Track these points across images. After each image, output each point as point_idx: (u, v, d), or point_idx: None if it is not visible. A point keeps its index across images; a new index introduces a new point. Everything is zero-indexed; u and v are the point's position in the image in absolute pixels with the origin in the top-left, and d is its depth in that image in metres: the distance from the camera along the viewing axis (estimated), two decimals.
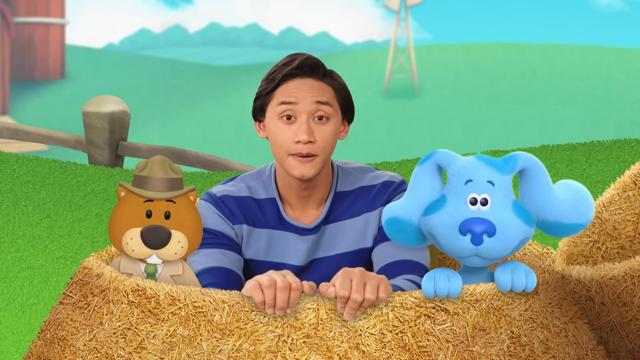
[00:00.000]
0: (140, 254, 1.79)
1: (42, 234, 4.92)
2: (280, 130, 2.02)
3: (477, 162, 1.71)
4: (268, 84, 2.05)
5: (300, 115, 2.01)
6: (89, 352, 1.71)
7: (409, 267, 2.01)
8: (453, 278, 1.66)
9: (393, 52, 26.43)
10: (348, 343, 1.64)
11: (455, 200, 1.69)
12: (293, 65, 2.03)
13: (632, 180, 2.24)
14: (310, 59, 2.05)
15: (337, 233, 2.11)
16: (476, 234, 1.64)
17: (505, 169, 1.70)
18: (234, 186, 2.13)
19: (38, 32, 24.42)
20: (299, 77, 2.03)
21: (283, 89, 2.03)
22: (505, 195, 1.68)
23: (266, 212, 2.11)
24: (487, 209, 1.67)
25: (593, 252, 2.25)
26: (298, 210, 2.11)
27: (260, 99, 2.07)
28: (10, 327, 3.76)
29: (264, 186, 2.12)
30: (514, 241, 1.66)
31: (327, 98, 2.03)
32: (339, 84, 2.07)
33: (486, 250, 1.65)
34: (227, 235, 2.07)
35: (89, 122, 6.59)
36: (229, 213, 2.09)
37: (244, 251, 2.10)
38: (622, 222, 2.25)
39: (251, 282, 1.66)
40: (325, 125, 2.02)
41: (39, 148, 15.66)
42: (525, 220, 1.67)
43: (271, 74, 2.05)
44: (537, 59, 29.59)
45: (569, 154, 5.90)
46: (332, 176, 2.13)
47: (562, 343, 1.76)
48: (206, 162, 6.44)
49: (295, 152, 2.01)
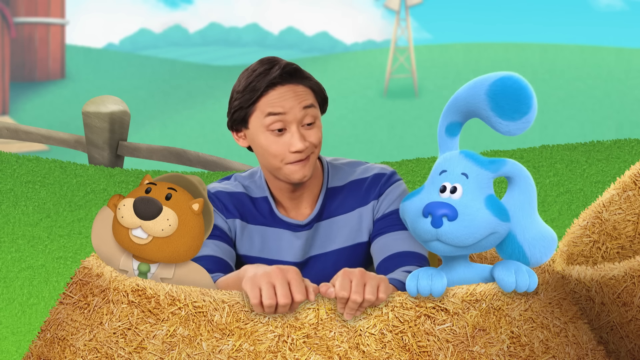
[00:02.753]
0: (128, 222, 1.77)
1: (42, 234, 4.92)
2: (272, 142, 2.02)
3: (456, 155, 1.73)
4: (249, 94, 2.02)
5: (290, 125, 2.01)
6: (89, 352, 1.71)
7: (409, 259, 2.02)
8: (436, 277, 1.66)
9: (393, 52, 26.42)
10: (348, 343, 1.64)
11: (430, 190, 1.71)
12: (275, 75, 2.01)
13: (632, 180, 2.24)
14: (289, 65, 2.04)
15: (331, 229, 2.12)
16: (436, 217, 1.65)
17: (488, 166, 1.71)
18: (229, 184, 2.15)
19: (38, 32, 24.42)
20: (280, 85, 2.02)
21: (266, 99, 2.01)
22: (479, 188, 1.69)
23: (260, 209, 2.12)
24: (457, 197, 1.68)
25: (593, 252, 2.25)
26: (290, 209, 2.12)
27: (240, 110, 2.04)
28: (10, 327, 3.76)
29: (256, 186, 2.14)
30: (477, 230, 1.66)
31: (311, 100, 2.03)
32: (314, 83, 2.07)
33: (445, 234, 1.66)
34: (220, 227, 2.08)
35: (89, 122, 6.59)
36: (222, 207, 2.10)
37: (238, 247, 2.11)
38: (622, 222, 2.25)
39: (252, 284, 1.65)
40: (314, 129, 2.03)
41: (39, 148, 15.66)
42: (496, 213, 1.67)
43: (249, 85, 2.02)
44: (537, 59, 29.59)
45: (569, 154, 5.90)
46: (323, 173, 2.14)
47: (562, 343, 1.76)
48: (206, 162, 6.43)
49: (294, 159, 2.02)
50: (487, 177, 1.70)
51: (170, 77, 30.66)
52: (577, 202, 5.19)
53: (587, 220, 2.25)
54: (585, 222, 2.25)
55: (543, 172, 5.66)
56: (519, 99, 1.68)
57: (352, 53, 34.43)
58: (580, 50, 30.66)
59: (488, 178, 1.70)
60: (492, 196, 1.70)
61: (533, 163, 5.80)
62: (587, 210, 2.26)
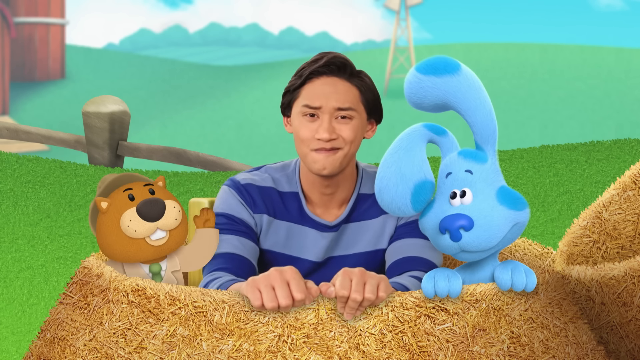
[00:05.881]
0: (143, 231, 1.77)
1: (42, 234, 4.92)
2: (303, 126, 2.02)
3: (455, 156, 1.72)
4: (296, 80, 2.05)
5: (322, 114, 2.01)
6: (89, 352, 1.71)
7: (417, 264, 2.02)
8: (453, 278, 1.66)
9: (393, 52, 26.43)
10: (348, 343, 1.64)
11: (440, 200, 1.70)
12: (320, 63, 2.03)
13: (632, 180, 2.24)
14: (338, 57, 2.05)
15: (356, 233, 2.12)
16: (453, 231, 1.65)
17: (482, 157, 1.71)
18: (258, 176, 2.13)
19: (38, 32, 24.42)
20: (325, 76, 2.03)
21: (309, 87, 2.03)
22: (487, 183, 1.69)
23: (288, 205, 2.11)
24: (468, 201, 1.67)
25: (593, 252, 2.24)
26: (320, 208, 2.11)
27: (287, 94, 2.07)
28: (10, 327, 3.76)
29: (288, 179, 2.12)
30: (498, 229, 1.66)
31: (350, 102, 2.03)
32: (365, 85, 2.06)
33: (468, 244, 1.65)
34: (247, 222, 2.07)
35: (89, 122, 6.59)
36: (251, 201, 2.09)
37: (262, 241, 2.10)
38: (622, 222, 2.25)
39: (252, 287, 1.65)
40: (348, 124, 2.02)
41: (39, 148, 15.66)
42: (511, 205, 1.67)
43: (300, 71, 2.06)
44: (537, 59, 29.61)
45: (569, 154, 5.90)
46: (357, 178, 2.13)
47: (562, 343, 1.76)
48: (206, 162, 6.44)
49: (318, 146, 2.01)
50: (490, 168, 1.70)
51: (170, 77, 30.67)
52: (577, 202, 5.19)
53: (587, 220, 2.25)
54: (585, 222, 2.24)
55: (543, 172, 5.66)
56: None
57: (352, 53, 34.44)
58: (580, 50, 30.68)
59: (491, 169, 1.70)
60: (503, 187, 1.69)
61: (533, 163, 5.80)
62: (587, 210, 2.26)
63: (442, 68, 1.68)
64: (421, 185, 1.68)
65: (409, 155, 1.69)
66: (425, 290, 1.66)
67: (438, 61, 1.68)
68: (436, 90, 1.68)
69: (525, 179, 5.56)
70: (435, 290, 1.66)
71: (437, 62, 1.68)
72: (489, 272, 1.74)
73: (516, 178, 5.57)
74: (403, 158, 1.69)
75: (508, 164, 5.78)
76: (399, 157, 1.69)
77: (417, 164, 1.68)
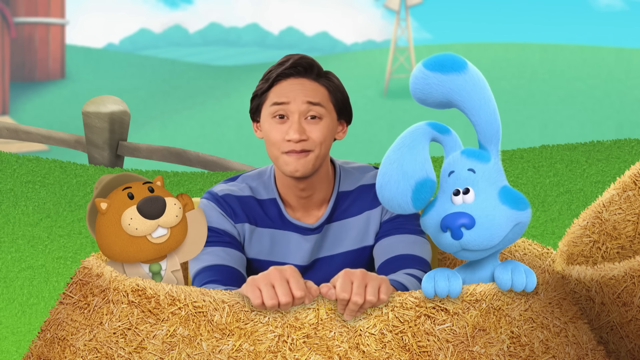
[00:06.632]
0: (144, 229, 1.77)
1: (42, 234, 4.92)
2: (273, 128, 2.02)
3: (458, 155, 1.72)
4: (263, 84, 2.05)
5: (292, 114, 2.01)
6: (89, 352, 1.71)
7: (411, 262, 2.01)
8: (453, 278, 1.66)
9: (393, 52, 26.42)
10: (348, 343, 1.64)
11: (442, 199, 1.70)
12: (286, 65, 2.03)
13: (632, 180, 2.24)
14: (304, 58, 2.05)
15: (340, 232, 2.11)
16: (454, 229, 1.64)
17: (485, 156, 1.71)
18: (236, 186, 2.13)
19: (38, 32, 24.41)
20: (292, 77, 2.03)
21: (276, 89, 2.03)
22: (490, 182, 1.69)
23: (268, 212, 2.10)
24: (470, 199, 1.67)
25: (593, 252, 2.24)
26: (299, 212, 2.11)
27: (256, 99, 2.07)
28: (10, 327, 3.76)
29: (264, 186, 2.12)
30: (499, 228, 1.65)
31: (320, 99, 2.02)
32: (333, 84, 2.06)
33: (470, 243, 1.65)
34: (230, 233, 2.07)
35: (89, 122, 6.59)
36: (231, 212, 2.08)
37: (247, 250, 2.10)
38: (622, 222, 2.25)
39: (252, 286, 1.65)
40: (318, 125, 2.02)
41: (39, 148, 15.66)
42: (513, 205, 1.67)
43: (267, 74, 2.05)
44: (537, 59, 29.60)
45: (569, 154, 5.90)
46: (335, 176, 2.13)
47: (562, 343, 1.76)
48: (206, 162, 6.43)
49: (288, 149, 2.00)
50: (493, 168, 1.70)
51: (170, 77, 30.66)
52: (577, 202, 5.19)
53: (587, 220, 2.25)
54: (585, 222, 2.24)
55: (543, 172, 5.66)
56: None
57: (352, 53, 34.43)
58: (580, 50, 30.66)
59: (494, 168, 1.70)
60: (505, 187, 1.69)
61: (533, 163, 5.80)
62: (587, 210, 2.26)
63: (449, 65, 1.68)
64: (422, 183, 1.67)
65: (411, 152, 1.69)
66: (425, 290, 1.66)
67: (445, 58, 1.68)
68: (442, 88, 1.68)
69: (525, 179, 5.56)
70: (435, 290, 1.66)
71: (445, 59, 1.68)
72: (489, 272, 1.74)
73: (516, 178, 5.57)
74: (405, 155, 1.68)
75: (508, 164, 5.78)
76: (401, 154, 1.69)
77: (420, 162, 1.68)
